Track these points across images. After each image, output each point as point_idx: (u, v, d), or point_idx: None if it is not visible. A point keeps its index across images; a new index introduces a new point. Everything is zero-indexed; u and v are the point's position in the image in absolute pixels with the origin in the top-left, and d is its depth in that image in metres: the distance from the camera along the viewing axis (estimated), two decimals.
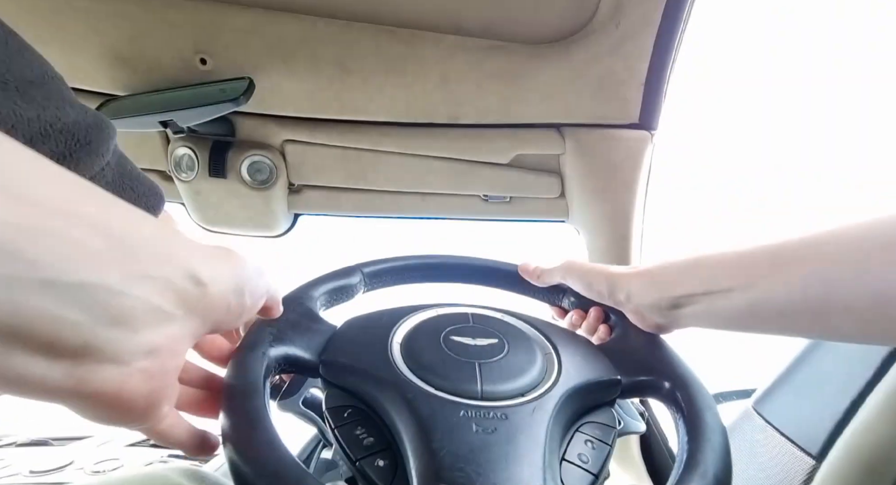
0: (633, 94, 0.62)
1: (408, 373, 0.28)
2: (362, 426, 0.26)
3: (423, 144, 0.68)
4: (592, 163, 0.67)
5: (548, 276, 0.39)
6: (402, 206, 0.74)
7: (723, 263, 0.29)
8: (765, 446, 0.41)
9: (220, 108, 0.57)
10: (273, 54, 0.60)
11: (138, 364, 0.16)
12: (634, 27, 0.57)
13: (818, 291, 0.24)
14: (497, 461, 0.23)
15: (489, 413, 0.25)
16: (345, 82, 0.62)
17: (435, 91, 0.63)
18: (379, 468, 0.24)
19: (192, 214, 0.75)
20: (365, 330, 0.31)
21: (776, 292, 0.25)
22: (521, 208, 0.74)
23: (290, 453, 0.22)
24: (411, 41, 0.59)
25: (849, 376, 0.36)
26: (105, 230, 0.14)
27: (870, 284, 0.22)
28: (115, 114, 0.60)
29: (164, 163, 0.70)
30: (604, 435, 0.28)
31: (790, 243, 0.26)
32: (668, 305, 0.31)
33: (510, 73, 0.62)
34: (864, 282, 0.22)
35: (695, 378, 0.30)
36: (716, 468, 0.24)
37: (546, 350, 0.32)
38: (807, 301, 0.24)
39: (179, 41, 0.58)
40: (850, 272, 0.22)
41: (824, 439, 0.35)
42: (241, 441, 0.22)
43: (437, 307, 0.35)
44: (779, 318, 0.26)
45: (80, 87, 0.63)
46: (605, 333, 0.36)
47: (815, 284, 0.24)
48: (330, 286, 0.35)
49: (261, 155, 0.68)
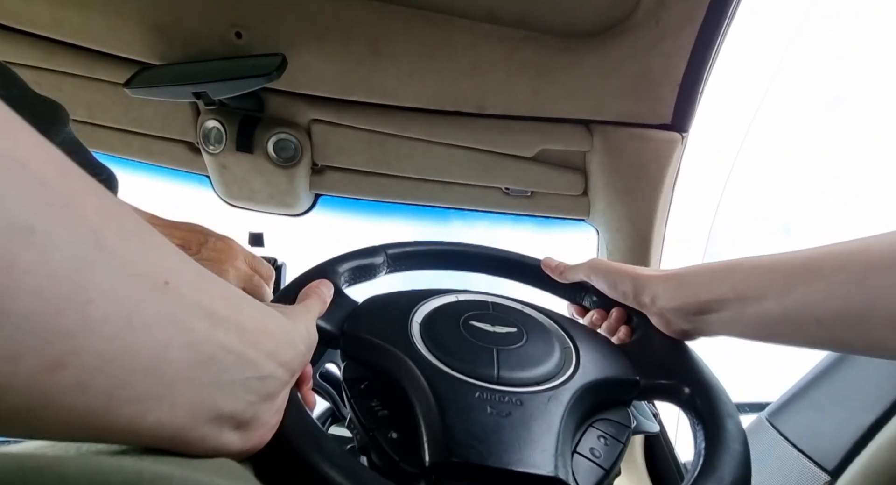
0: (668, 93, 0.61)
1: (426, 352, 0.28)
2: (378, 399, 0.26)
3: (448, 133, 0.68)
4: (619, 162, 0.66)
5: (571, 272, 0.38)
6: (422, 193, 0.74)
7: (757, 268, 0.27)
8: (777, 459, 0.40)
9: (252, 83, 0.58)
10: (307, 32, 0.60)
11: (272, 422, 0.22)
12: (675, 25, 0.56)
13: (861, 300, 0.22)
14: (509, 443, 0.23)
15: (504, 397, 0.25)
16: (375, 64, 0.62)
17: (464, 79, 0.62)
18: (392, 440, 0.24)
19: (217, 188, 0.76)
20: (386, 308, 0.32)
21: (814, 300, 0.24)
22: (542, 204, 0.74)
23: (309, 414, 0.22)
24: (444, 27, 0.59)
25: (875, 393, 0.35)
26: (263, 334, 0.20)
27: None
28: (151, 82, 0.61)
29: (193, 134, 0.72)
30: (618, 433, 0.28)
31: (832, 249, 0.24)
32: (695, 310, 0.30)
33: (542, 65, 0.61)
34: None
35: (717, 385, 0.29)
36: (733, 476, 0.23)
37: (565, 344, 0.32)
38: (848, 311, 0.23)
39: (216, 13, 0.59)
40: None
41: (842, 455, 0.34)
42: None
43: (458, 293, 0.35)
44: (815, 328, 0.24)
45: (118, 54, 0.64)
46: (625, 335, 0.35)
47: (859, 293, 0.22)
48: (354, 264, 0.35)
49: (287, 133, 0.68)
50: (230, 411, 0.18)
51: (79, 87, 0.69)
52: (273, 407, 0.21)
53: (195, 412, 0.17)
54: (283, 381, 0.21)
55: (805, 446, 0.38)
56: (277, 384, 0.21)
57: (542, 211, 0.75)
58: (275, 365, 0.20)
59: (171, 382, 0.16)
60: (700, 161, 0.68)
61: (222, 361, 0.17)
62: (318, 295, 0.30)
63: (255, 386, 0.19)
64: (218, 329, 0.17)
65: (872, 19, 0.99)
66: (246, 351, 0.18)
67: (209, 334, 0.17)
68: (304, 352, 0.23)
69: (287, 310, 0.26)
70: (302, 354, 0.23)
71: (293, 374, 0.22)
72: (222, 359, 0.17)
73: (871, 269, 0.22)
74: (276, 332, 0.21)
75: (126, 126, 0.73)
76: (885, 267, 0.22)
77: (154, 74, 0.62)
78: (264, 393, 0.20)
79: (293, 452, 0.22)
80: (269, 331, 0.20)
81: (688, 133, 0.65)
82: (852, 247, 0.24)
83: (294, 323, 0.23)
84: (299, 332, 0.23)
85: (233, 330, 0.18)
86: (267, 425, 0.21)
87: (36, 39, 0.65)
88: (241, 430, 0.19)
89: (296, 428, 0.22)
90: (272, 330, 0.20)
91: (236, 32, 0.60)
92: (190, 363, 0.16)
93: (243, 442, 0.20)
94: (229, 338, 0.18)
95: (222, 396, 0.18)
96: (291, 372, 0.22)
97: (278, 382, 0.21)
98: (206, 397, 0.17)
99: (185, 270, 0.17)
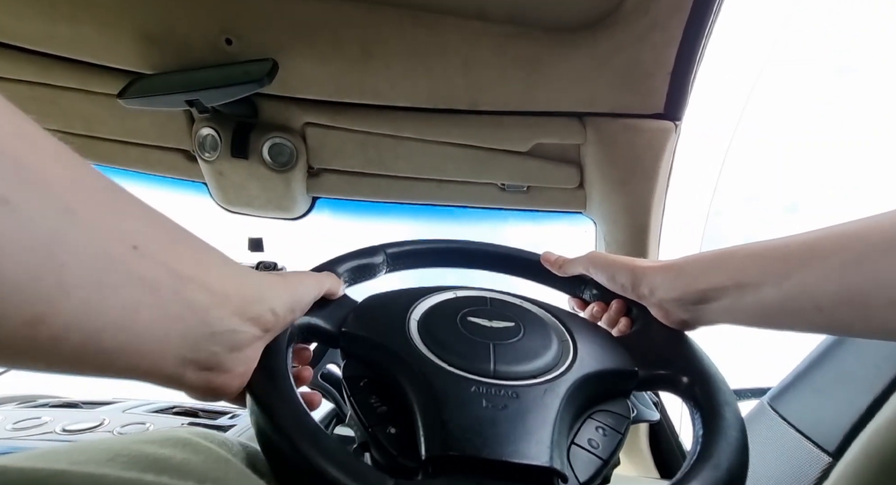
0: (660, 83, 0.61)
1: (423, 349, 0.28)
2: (377, 395, 0.27)
3: (442, 131, 0.68)
4: (614, 153, 0.66)
5: (570, 266, 0.38)
6: (419, 192, 0.75)
7: (754, 255, 0.27)
8: (779, 442, 0.40)
9: (244, 89, 0.58)
10: (297, 36, 0.60)
11: (238, 370, 0.23)
12: (664, 15, 0.56)
13: (860, 283, 0.22)
14: (505, 436, 0.23)
15: (500, 391, 0.26)
16: (367, 66, 0.62)
17: (456, 77, 0.63)
18: (390, 435, 0.25)
19: (214, 194, 0.77)
20: (384, 306, 0.32)
21: (813, 285, 0.24)
22: (538, 198, 0.74)
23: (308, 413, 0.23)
24: (434, 26, 0.59)
25: (873, 374, 0.35)
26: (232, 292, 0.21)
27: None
28: (144, 92, 0.61)
29: (189, 142, 0.72)
30: (616, 424, 0.28)
31: (829, 233, 0.24)
32: (694, 299, 0.30)
33: (533, 60, 0.61)
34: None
35: (715, 374, 0.29)
36: (730, 462, 0.23)
37: (563, 337, 0.32)
38: (847, 294, 0.22)
39: (206, 22, 0.59)
40: (893, 262, 0.21)
41: (843, 436, 0.35)
42: (262, 395, 0.23)
43: (456, 289, 0.35)
44: (815, 313, 0.24)
45: (111, 65, 0.64)
46: (625, 326, 0.35)
47: (857, 276, 0.22)
48: (353, 264, 0.36)
49: (282, 137, 0.69)
50: (194, 358, 0.20)
51: (74, 101, 0.69)
52: (240, 357, 0.23)
53: (161, 360, 0.19)
54: (251, 335, 0.23)
55: (806, 428, 0.39)
56: (245, 338, 0.22)
57: (539, 205, 0.75)
58: (240, 321, 0.22)
59: (139, 336, 0.17)
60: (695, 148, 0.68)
61: (188, 319, 0.19)
62: (332, 277, 0.32)
63: (220, 339, 0.21)
64: (184, 288, 0.19)
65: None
66: (211, 309, 0.20)
67: (175, 294, 0.18)
68: (281, 312, 0.24)
69: (282, 273, 0.27)
70: (274, 312, 0.24)
71: (266, 329, 0.24)
72: (188, 316, 0.19)
73: (868, 251, 0.22)
74: (246, 291, 0.22)
75: (123, 137, 0.73)
76: (883, 248, 0.21)
77: (147, 84, 0.62)
78: (229, 345, 0.22)
79: (279, 437, 0.22)
80: (238, 289, 0.22)
81: (681, 121, 0.65)
82: (849, 229, 0.23)
83: (272, 284, 0.25)
84: (275, 291, 0.24)
85: (199, 289, 0.19)
86: (232, 372, 0.23)
87: (30, 54, 0.65)
88: (204, 371, 0.21)
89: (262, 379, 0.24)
90: (241, 289, 0.22)
91: (226, 39, 0.60)
92: (156, 320, 0.18)
93: (206, 382, 0.22)
94: (196, 296, 0.19)
95: (187, 346, 0.20)
96: (263, 327, 0.23)
97: (246, 335, 0.22)
98: (171, 348, 0.19)
99: (156, 233, 0.18)
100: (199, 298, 0.19)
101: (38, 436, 0.61)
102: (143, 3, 0.58)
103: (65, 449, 0.19)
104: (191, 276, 0.19)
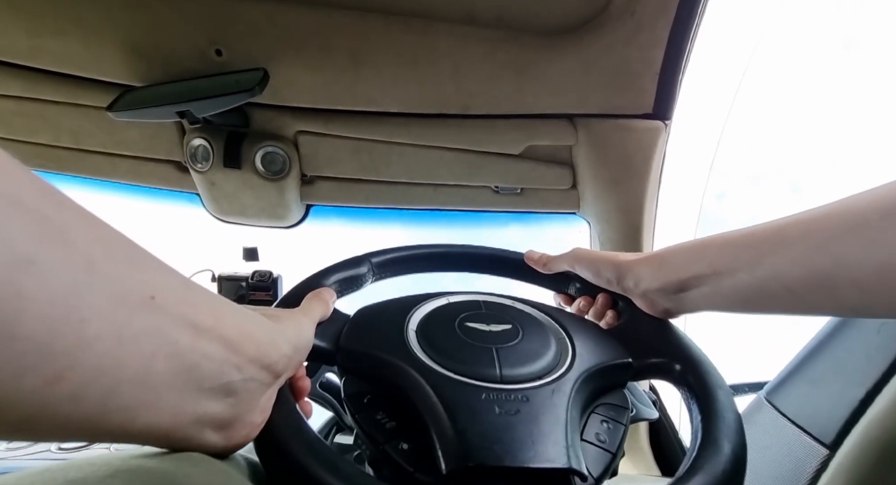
0: (648, 83, 0.62)
1: (426, 359, 0.28)
2: (383, 411, 0.26)
3: (435, 136, 0.68)
4: (605, 153, 0.66)
5: (555, 263, 0.39)
6: (413, 197, 0.75)
7: (729, 243, 0.29)
8: (776, 436, 0.41)
9: (235, 99, 0.58)
10: (287, 45, 0.60)
11: (257, 421, 0.23)
12: (650, 15, 0.57)
13: (824, 266, 0.23)
14: (523, 440, 0.23)
15: (510, 396, 0.26)
16: (358, 73, 0.62)
17: (447, 82, 0.63)
18: (404, 451, 0.24)
19: (207, 205, 0.76)
20: (379, 318, 0.32)
21: (783, 269, 0.25)
22: (532, 200, 0.74)
23: (308, 425, 0.23)
24: (424, 32, 0.59)
25: (866, 365, 0.35)
26: (246, 340, 0.20)
27: (873, 254, 0.21)
28: (134, 104, 0.61)
29: (180, 154, 0.72)
30: (618, 415, 0.28)
31: (796, 219, 0.26)
32: (676, 288, 0.31)
33: (523, 63, 0.61)
34: (868, 253, 0.22)
35: (705, 359, 0.30)
36: (733, 443, 0.24)
37: (559, 335, 0.32)
38: (814, 276, 0.24)
39: (195, 32, 0.59)
40: (854, 244, 0.22)
41: (839, 428, 0.35)
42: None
43: (448, 295, 0.35)
44: (787, 295, 0.26)
45: (100, 78, 0.64)
46: (612, 319, 0.36)
47: (821, 259, 0.23)
48: (339, 276, 0.35)
49: (274, 146, 0.69)
50: (212, 413, 0.20)
51: (62, 114, 0.69)
52: (256, 407, 0.22)
53: (179, 416, 0.18)
54: (265, 383, 0.22)
55: (803, 421, 0.39)
56: (260, 387, 0.22)
57: (532, 207, 0.75)
58: (256, 369, 0.21)
59: (157, 389, 0.17)
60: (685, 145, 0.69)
61: (204, 369, 0.19)
62: (319, 298, 0.30)
63: (236, 389, 0.20)
64: (201, 339, 0.18)
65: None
66: (228, 358, 0.20)
67: (192, 345, 0.18)
68: (291, 354, 0.24)
69: (278, 313, 0.26)
70: (287, 356, 0.23)
71: (278, 375, 0.23)
72: (204, 367, 0.18)
73: (833, 235, 0.23)
74: (259, 337, 0.22)
75: (112, 149, 0.73)
76: (844, 232, 0.23)
77: (136, 96, 0.62)
78: (246, 395, 0.21)
79: (279, 449, 0.22)
80: (251, 336, 0.21)
81: (671, 120, 0.65)
82: (815, 214, 0.25)
83: (280, 326, 0.24)
84: (285, 335, 0.24)
85: (215, 339, 0.19)
86: (250, 424, 0.22)
87: (15, 69, 0.65)
88: (223, 430, 0.21)
89: (282, 426, 0.23)
90: (255, 335, 0.21)
91: (216, 50, 0.60)
92: (174, 372, 0.17)
93: (226, 441, 0.21)
94: (211, 347, 0.19)
95: (204, 399, 0.19)
96: (276, 374, 0.23)
97: (261, 384, 0.22)
98: (189, 402, 0.18)
99: (171, 283, 0.18)
100: (216, 348, 0.19)
101: (33, 454, 0.60)
102: (131, 16, 0.58)
103: (61, 467, 0.18)
104: (208, 326, 0.19)
